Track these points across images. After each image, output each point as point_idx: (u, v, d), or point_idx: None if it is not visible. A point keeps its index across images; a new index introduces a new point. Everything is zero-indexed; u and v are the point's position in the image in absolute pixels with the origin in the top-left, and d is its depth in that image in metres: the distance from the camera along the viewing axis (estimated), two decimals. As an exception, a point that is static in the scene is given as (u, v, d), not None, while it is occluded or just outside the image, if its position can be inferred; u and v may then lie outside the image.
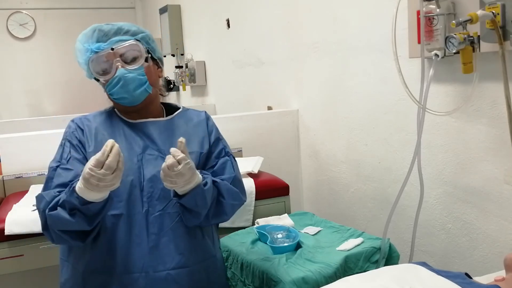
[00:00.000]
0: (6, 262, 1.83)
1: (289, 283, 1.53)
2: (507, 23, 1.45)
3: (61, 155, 1.42)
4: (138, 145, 1.44)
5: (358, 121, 2.32)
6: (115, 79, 1.38)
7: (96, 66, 1.41)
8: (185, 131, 1.50)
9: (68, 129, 1.48)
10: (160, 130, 1.48)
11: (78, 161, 1.40)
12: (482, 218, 1.73)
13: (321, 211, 2.63)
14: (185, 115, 1.55)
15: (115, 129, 1.46)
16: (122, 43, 1.39)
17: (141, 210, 1.38)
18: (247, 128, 2.74)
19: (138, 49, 1.41)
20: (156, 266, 1.37)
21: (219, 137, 1.57)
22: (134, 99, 1.42)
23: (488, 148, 1.67)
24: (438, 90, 1.81)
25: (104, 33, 1.40)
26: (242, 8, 3.39)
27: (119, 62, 1.39)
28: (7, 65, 5.62)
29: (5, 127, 3.57)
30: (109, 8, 5.97)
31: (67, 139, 1.45)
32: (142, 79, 1.40)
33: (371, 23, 2.15)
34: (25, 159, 2.31)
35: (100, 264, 1.37)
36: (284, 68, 2.92)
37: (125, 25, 1.44)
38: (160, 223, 1.39)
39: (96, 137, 1.44)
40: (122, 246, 1.37)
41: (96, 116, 1.50)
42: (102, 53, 1.38)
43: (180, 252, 1.40)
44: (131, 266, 1.36)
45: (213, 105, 4.06)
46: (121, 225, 1.37)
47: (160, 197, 1.40)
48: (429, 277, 1.01)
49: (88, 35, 1.40)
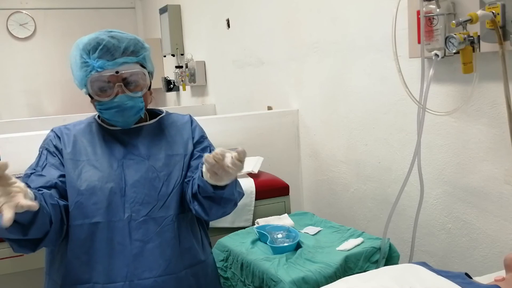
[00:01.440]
0: (6, 262, 1.83)
1: (289, 283, 1.53)
2: (507, 23, 1.45)
3: (37, 163, 1.41)
4: (118, 151, 1.41)
5: (358, 121, 2.32)
6: (113, 104, 1.34)
7: (95, 84, 1.34)
8: (168, 134, 1.48)
9: (46, 137, 1.48)
10: (143, 135, 1.46)
11: (54, 167, 1.38)
12: (482, 218, 1.73)
13: (321, 211, 2.63)
14: (168, 119, 1.53)
15: (94, 136, 1.44)
16: (127, 67, 1.33)
17: (122, 216, 1.35)
18: (247, 128, 2.74)
19: (144, 78, 1.37)
20: (141, 274, 1.33)
21: (204, 135, 1.55)
22: (126, 124, 1.40)
23: (488, 148, 1.67)
24: (438, 90, 1.81)
25: (109, 50, 1.32)
26: (242, 8, 3.39)
27: (121, 87, 1.33)
28: (7, 65, 5.63)
29: (5, 127, 3.57)
30: (109, 8, 5.97)
31: (45, 147, 1.45)
32: (140, 106, 1.37)
33: (371, 23, 2.15)
34: (25, 159, 2.29)
35: (80, 276, 1.33)
36: (284, 68, 2.92)
37: (130, 42, 1.36)
38: (145, 229, 1.35)
39: (74, 144, 1.42)
40: (102, 255, 1.33)
41: (76, 125, 1.49)
42: (105, 73, 1.32)
43: (166, 258, 1.36)
44: (113, 276, 1.32)
45: (213, 105, 4.06)
46: (100, 233, 1.33)
47: (144, 202, 1.36)
48: (429, 277, 1.01)
49: (92, 47, 1.33)
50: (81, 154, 1.40)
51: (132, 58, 1.35)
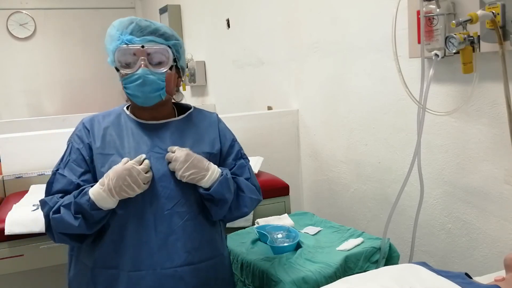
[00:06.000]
0: (6, 262, 1.83)
1: (289, 283, 1.54)
2: (507, 23, 1.45)
3: (62, 158, 1.45)
4: (146, 144, 1.44)
5: (358, 121, 2.32)
6: (135, 76, 1.38)
7: (122, 57, 1.40)
8: (195, 131, 1.51)
9: (75, 129, 1.50)
10: (171, 130, 1.49)
11: (76, 164, 1.42)
12: (482, 218, 1.73)
13: (321, 211, 2.63)
14: (196, 115, 1.56)
15: (123, 129, 1.47)
16: (153, 44, 1.39)
17: (149, 209, 1.40)
18: (247, 128, 2.74)
19: (167, 55, 1.41)
20: (164, 263, 1.39)
21: (234, 138, 1.60)
22: (146, 100, 1.42)
23: (488, 148, 1.67)
24: (438, 90, 1.81)
25: (141, 28, 1.39)
26: (242, 8, 3.39)
27: (144, 61, 1.38)
28: (7, 65, 5.63)
29: (5, 127, 3.57)
30: (109, 8, 5.97)
31: (71, 140, 1.48)
32: (160, 84, 1.40)
33: (371, 23, 2.15)
34: (25, 159, 2.31)
35: (109, 261, 1.40)
36: (284, 68, 2.92)
37: (163, 27, 1.43)
38: (169, 222, 1.40)
39: (104, 137, 1.45)
40: (130, 244, 1.39)
41: (106, 116, 1.51)
42: (132, 47, 1.38)
43: (187, 250, 1.41)
44: (139, 264, 1.38)
45: (213, 105, 4.06)
46: (130, 223, 1.39)
47: (169, 197, 1.41)
48: (429, 277, 1.01)
49: (125, 24, 1.40)
50: (110, 147, 1.43)
51: (161, 40, 1.41)
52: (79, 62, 5.82)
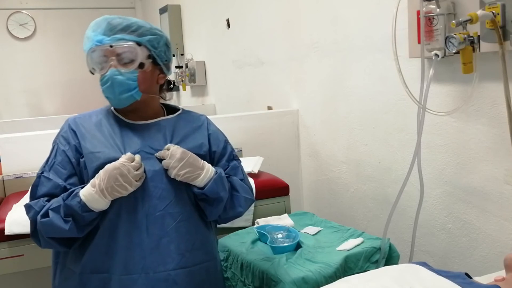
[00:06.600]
0: (6, 262, 1.83)
1: (289, 283, 1.53)
2: (507, 23, 1.45)
3: (47, 161, 1.41)
4: (135, 143, 1.41)
5: (358, 121, 2.32)
6: (105, 77, 1.36)
7: (94, 59, 1.38)
8: (184, 132, 1.49)
9: (60, 130, 1.46)
10: (161, 130, 1.46)
11: (61, 167, 1.37)
12: (482, 218, 1.73)
13: (321, 211, 2.63)
14: (185, 116, 1.54)
15: (112, 129, 1.43)
16: (122, 43, 1.35)
17: (141, 210, 1.36)
18: (247, 128, 2.74)
19: (135, 53, 1.36)
20: (156, 267, 1.35)
21: (226, 140, 1.57)
22: (118, 102, 1.39)
23: (488, 148, 1.67)
24: (438, 90, 1.81)
25: (112, 27, 1.36)
26: (242, 8, 3.39)
27: (113, 62, 1.35)
28: (7, 65, 5.62)
29: (5, 127, 3.57)
30: (109, 8, 5.95)
31: (56, 142, 1.43)
32: (131, 84, 1.36)
33: (371, 23, 2.15)
34: (25, 159, 2.31)
35: (99, 265, 1.35)
36: (284, 68, 2.92)
37: (137, 22, 1.38)
38: (161, 223, 1.37)
39: (92, 137, 1.40)
40: (122, 246, 1.35)
41: (92, 115, 1.47)
42: (102, 47, 1.35)
43: (180, 252, 1.38)
44: (131, 267, 1.34)
45: (213, 105, 4.06)
46: (121, 225, 1.35)
47: (161, 197, 1.37)
48: (429, 277, 1.01)
49: (98, 24, 1.37)
50: (98, 146, 1.38)
51: (132, 37, 1.36)
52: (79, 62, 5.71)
